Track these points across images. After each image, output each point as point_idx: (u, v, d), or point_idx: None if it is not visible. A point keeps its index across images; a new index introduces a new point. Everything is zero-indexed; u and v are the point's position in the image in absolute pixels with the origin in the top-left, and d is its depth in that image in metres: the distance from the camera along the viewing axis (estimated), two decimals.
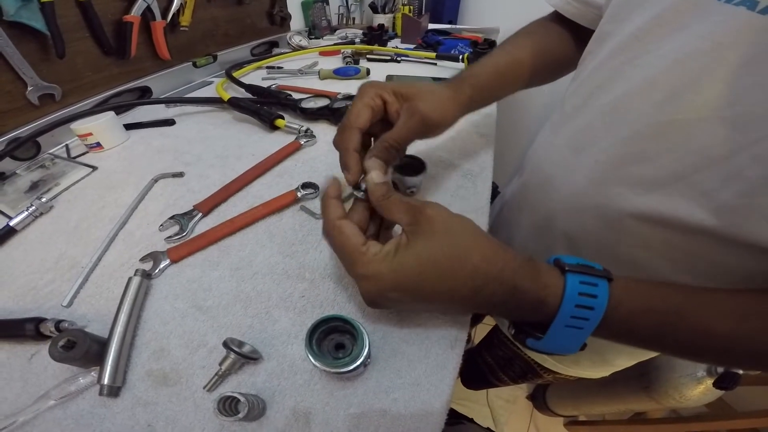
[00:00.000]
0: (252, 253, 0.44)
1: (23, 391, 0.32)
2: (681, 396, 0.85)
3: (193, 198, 0.52)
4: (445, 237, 0.30)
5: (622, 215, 0.38)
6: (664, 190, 0.35)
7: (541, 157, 0.52)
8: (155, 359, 0.34)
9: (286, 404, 0.31)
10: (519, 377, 0.83)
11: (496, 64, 0.51)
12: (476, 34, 1.39)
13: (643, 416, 1.23)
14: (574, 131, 0.45)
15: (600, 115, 0.41)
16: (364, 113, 0.37)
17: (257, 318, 0.37)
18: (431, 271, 0.29)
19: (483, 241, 0.31)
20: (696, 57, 0.31)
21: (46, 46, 0.63)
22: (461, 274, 0.29)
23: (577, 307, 0.28)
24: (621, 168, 0.38)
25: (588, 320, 0.28)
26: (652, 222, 0.36)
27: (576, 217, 0.45)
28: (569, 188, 0.44)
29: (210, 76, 1.04)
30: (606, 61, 0.41)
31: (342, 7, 1.62)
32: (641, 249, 0.39)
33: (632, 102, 0.36)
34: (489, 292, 0.29)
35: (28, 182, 0.57)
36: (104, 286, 0.41)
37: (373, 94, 0.38)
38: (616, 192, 0.39)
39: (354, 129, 0.37)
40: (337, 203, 0.34)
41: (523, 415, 1.51)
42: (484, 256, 0.30)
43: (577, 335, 0.29)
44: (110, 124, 0.66)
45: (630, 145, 0.37)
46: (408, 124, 0.38)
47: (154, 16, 0.80)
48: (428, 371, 0.33)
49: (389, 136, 0.37)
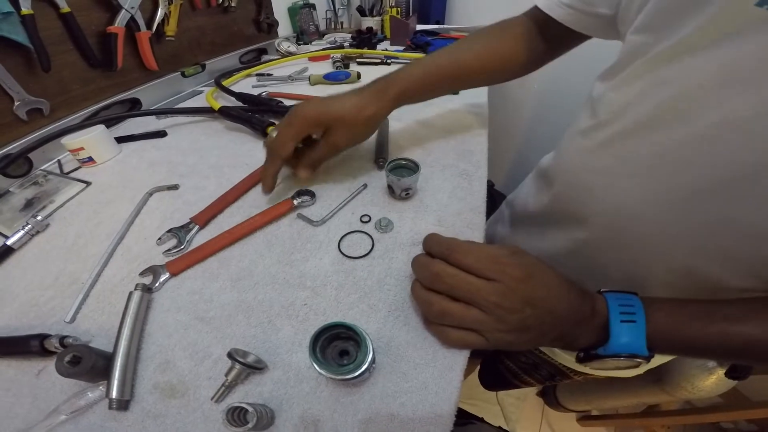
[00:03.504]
0: (251, 263, 0.45)
1: (33, 407, 0.33)
2: (693, 387, 0.85)
3: (189, 210, 0.52)
4: (539, 259, 0.35)
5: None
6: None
7: (577, 166, 0.49)
8: (161, 372, 0.35)
9: (294, 412, 0.31)
10: (546, 379, 0.81)
11: (434, 66, 0.57)
12: (463, 34, 1.40)
13: (657, 408, 1.22)
14: (612, 139, 0.43)
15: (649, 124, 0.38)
16: (289, 146, 0.49)
17: (260, 327, 0.38)
18: (547, 274, 0.34)
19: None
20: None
21: (30, 59, 0.63)
22: (568, 290, 0.34)
23: (621, 305, 0.34)
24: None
25: (635, 313, 0.33)
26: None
27: (626, 226, 0.43)
28: (614, 198, 0.43)
29: (199, 85, 1.04)
30: (647, 70, 0.38)
31: (329, 12, 1.62)
32: (700, 259, 0.39)
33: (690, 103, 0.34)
34: (578, 311, 0.34)
35: (23, 200, 0.57)
36: (106, 301, 0.41)
37: (298, 127, 0.49)
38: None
39: (279, 158, 0.49)
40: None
41: (535, 412, 1.49)
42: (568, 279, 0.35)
43: (635, 329, 0.33)
44: (101, 138, 0.65)
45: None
46: (323, 151, 0.52)
47: (138, 27, 0.80)
48: (435, 374, 0.33)
49: (311, 156, 0.52)
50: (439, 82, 0.58)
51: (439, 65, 0.57)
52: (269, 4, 1.25)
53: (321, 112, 0.49)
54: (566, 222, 0.52)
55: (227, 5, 1.06)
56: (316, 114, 0.49)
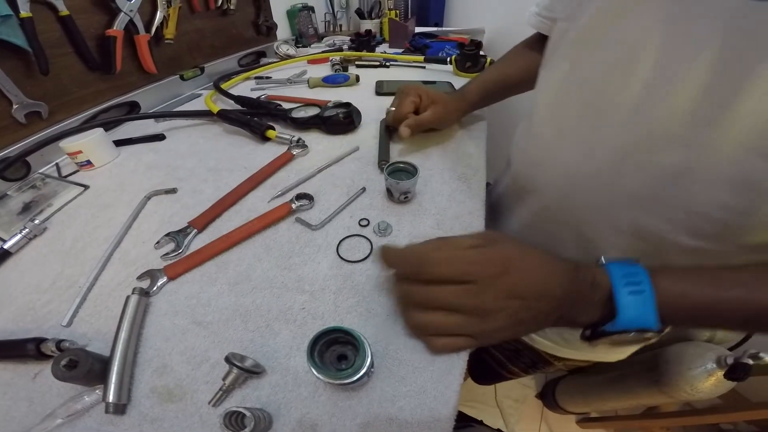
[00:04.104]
0: (249, 267, 0.45)
1: (30, 411, 0.33)
2: (692, 389, 0.85)
3: (187, 214, 0.52)
4: (517, 242, 0.35)
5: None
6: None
7: (527, 143, 0.56)
8: (158, 376, 0.34)
9: (292, 417, 0.31)
10: (529, 367, 0.82)
11: (489, 80, 0.72)
12: (462, 36, 1.41)
13: (656, 410, 1.21)
14: (546, 114, 0.50)
15: (570, 92, 0.46)
16: (410, 106, 0.65)
17: (258, 332, 0.38)
18: (527, 259, 0.34)
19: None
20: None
21: (29, 62, 0.63)
22: (555, 266, 0.34)
23: (625, 276, 0.32)
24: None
25: (641, 282, 0.31)
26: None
27: (570, 191, 0.47)
28: (560, 167, 0.47)
29: (198, 88, 1.04)
30: (567, 51, 0.46)
31: (328, 14, 1.63)
32: (639, 211, 0.41)
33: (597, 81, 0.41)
34: (574, 287, 0.33)
35: (21, 203, 0.57)
36: (103, 305, 0.41)
37: (414, 94, 0.65)
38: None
39: (403, 113, 0.64)
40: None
41: (534, 414, 1.48)
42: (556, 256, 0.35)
43: (643, 301, 0.31)
44: (100, 141, 0.65)
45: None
46: (429, 117, 0.63)
47: (137, 30, 0.80)
48: (434, 378, 0.33)
49: (419, 118, 0.63)
50: (494, 93, 0.72)
51: (491, 80, 0.72)
52: (268, 7, 1.26)
53: (426, 89, 0.67)
54: (524, 196, 0.56)
55: (226, 8, 1.06)
56: (424, 88, 0.67)
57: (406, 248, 0.36)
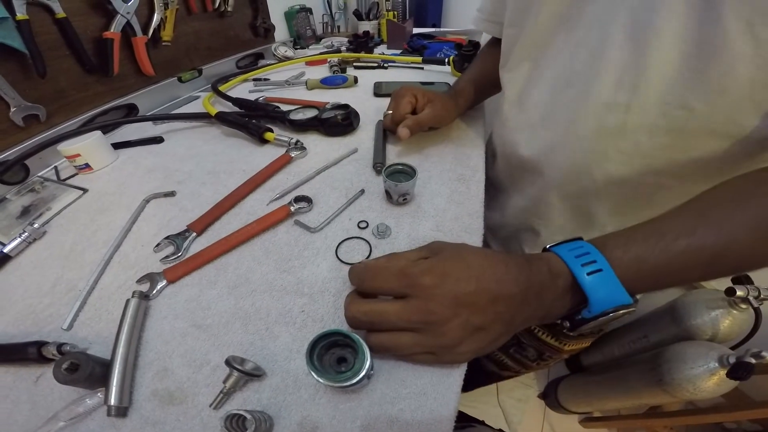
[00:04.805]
0: (249, 270, 0.45)
1: (32, 414, 0.33)
2: (695, 388, 0.85)
3: (186, 217, 0.52)
4: (461, 248, 0.34)
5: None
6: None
7: (505, 132, 0.63)
8: (159, 379, 0.35)
9: (292, 419, 0.31)
10: (538, 359, 0.80)
11: (472, 79, 0.76)
12: (460, 36, 1.41)
13: (659, 409, 1.21)
14: (510, 108, 0.60)
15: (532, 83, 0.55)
16: (407, 107, 0.64)
17: (258, 335, 0.38)
18: (467, 263, 0.32)
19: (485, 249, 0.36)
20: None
21: (26, 65, 0.63)
22: (505, 265, 0.32)
23: (577, 257, 0.31)
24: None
25: (595, 261, 0.30)
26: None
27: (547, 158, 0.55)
28: (537, 143, 0.56)
29: (196, 90, 1.04)
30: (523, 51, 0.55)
31: (326, 16, 1.63)
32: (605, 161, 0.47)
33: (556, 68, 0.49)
34: (533, 281, 0.31)
35: (19, 207, 0.57)
36: (103, 308, 0.41)
37: (410, 95, 0.65)
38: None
39: (401, 115, 0.63)
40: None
41: (537, 414, 1.48)
42: (502, 253, 0.34)
43: (606, 279, 0.30)
44: (98, 144, 0.65)
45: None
46: (429, 116, 0.63)
47: (134, 32, 0.80)
48: (434, 380, 0.33)
49: (419, 117, 0.62)
50: (482, 88, 0.75)
51: (475, 77, 0.76)
52: (266, 9, 1.26)
53: (423, 89, 0.67)
54: (510, 183, 0.65)
55: (224, 10, 1.06)
56: (420, 89, 0.67)
57: (360, 263, 0.36)
